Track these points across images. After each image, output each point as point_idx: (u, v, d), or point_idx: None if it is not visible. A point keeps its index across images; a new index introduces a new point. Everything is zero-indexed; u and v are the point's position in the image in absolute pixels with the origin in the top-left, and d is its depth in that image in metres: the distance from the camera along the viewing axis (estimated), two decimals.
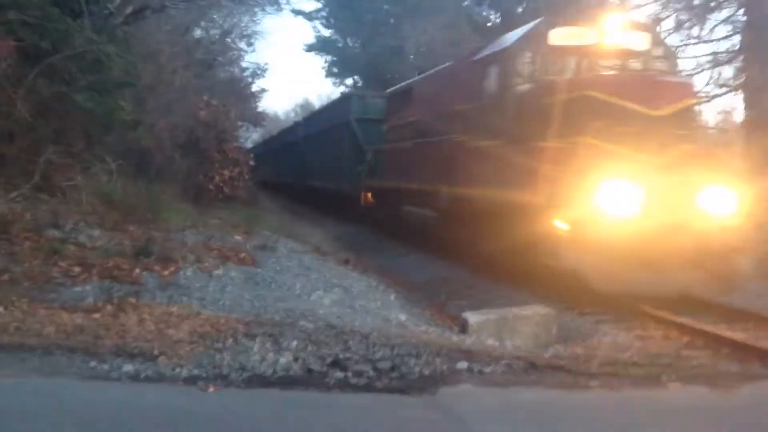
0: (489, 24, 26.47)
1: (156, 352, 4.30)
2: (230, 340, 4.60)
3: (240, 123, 18.69)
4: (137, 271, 6.40)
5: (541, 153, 7.86)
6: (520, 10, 24.28)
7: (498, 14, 26.90)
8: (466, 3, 27.46)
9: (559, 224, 7.41)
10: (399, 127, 13.83)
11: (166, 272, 6.57)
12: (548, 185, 7.57)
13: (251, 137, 33.24)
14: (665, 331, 6.49)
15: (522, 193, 7.99)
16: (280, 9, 23.19)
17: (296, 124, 28.26)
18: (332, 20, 36.35)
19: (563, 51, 9.03)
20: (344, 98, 19.69)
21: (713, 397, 3.81)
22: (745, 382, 3.77)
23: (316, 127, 22.56)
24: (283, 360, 4.29)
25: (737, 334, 6.06)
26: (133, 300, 5.43)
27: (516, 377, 4.15)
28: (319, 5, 36.42)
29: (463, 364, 4.28)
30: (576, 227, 7.13)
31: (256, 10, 21.20)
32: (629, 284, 6.70)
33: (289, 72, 76.79)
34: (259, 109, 32.60)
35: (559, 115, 7.91)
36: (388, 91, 16.08)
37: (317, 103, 29.45)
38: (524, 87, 9.04)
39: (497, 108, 9.27)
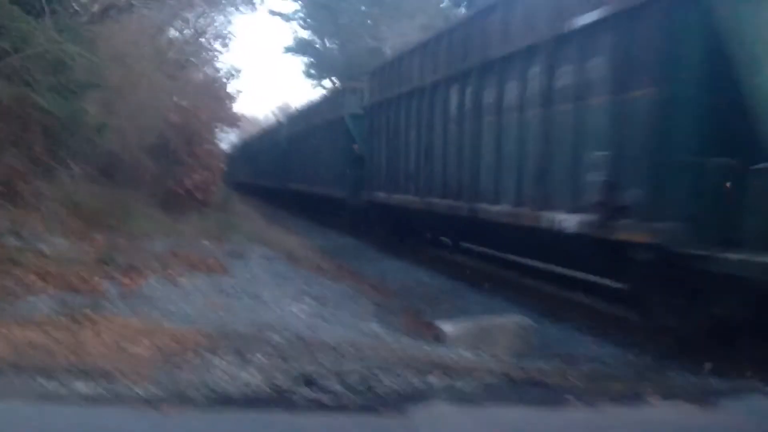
0: None
1: (113, 370, 4.04)
2: (193, 355, 4.36)
3: (214, 125, 18.25)
4: (98, 280, 6.13)
5: None
6: None
7: None
8: (443, 5, 27.42)
9: None
10: None
11: (129, 282, 6.31)
12: None
13: (228, 138, 32.69)
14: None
15: None
16: (254, 8, 22.84)
17: None
18: (309, 21, 36.22)
19: None
20: None
21: (700, 415, 3.63)
22: (732, 399, 3.61)
23: None
24: (248, 377, 4.05)
25: None
26: (91, 312, 5.16)
27: (493, 393, 3.94)
28: (297, 6, 36.36)
29: (436, 379, 4.08)
30: None
31: (230, 9, 20.77)
32: None
33: (268, 74, 76.11)
34: (234, 111, 31.97)
35: None
36: None
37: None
38: None
39: None
